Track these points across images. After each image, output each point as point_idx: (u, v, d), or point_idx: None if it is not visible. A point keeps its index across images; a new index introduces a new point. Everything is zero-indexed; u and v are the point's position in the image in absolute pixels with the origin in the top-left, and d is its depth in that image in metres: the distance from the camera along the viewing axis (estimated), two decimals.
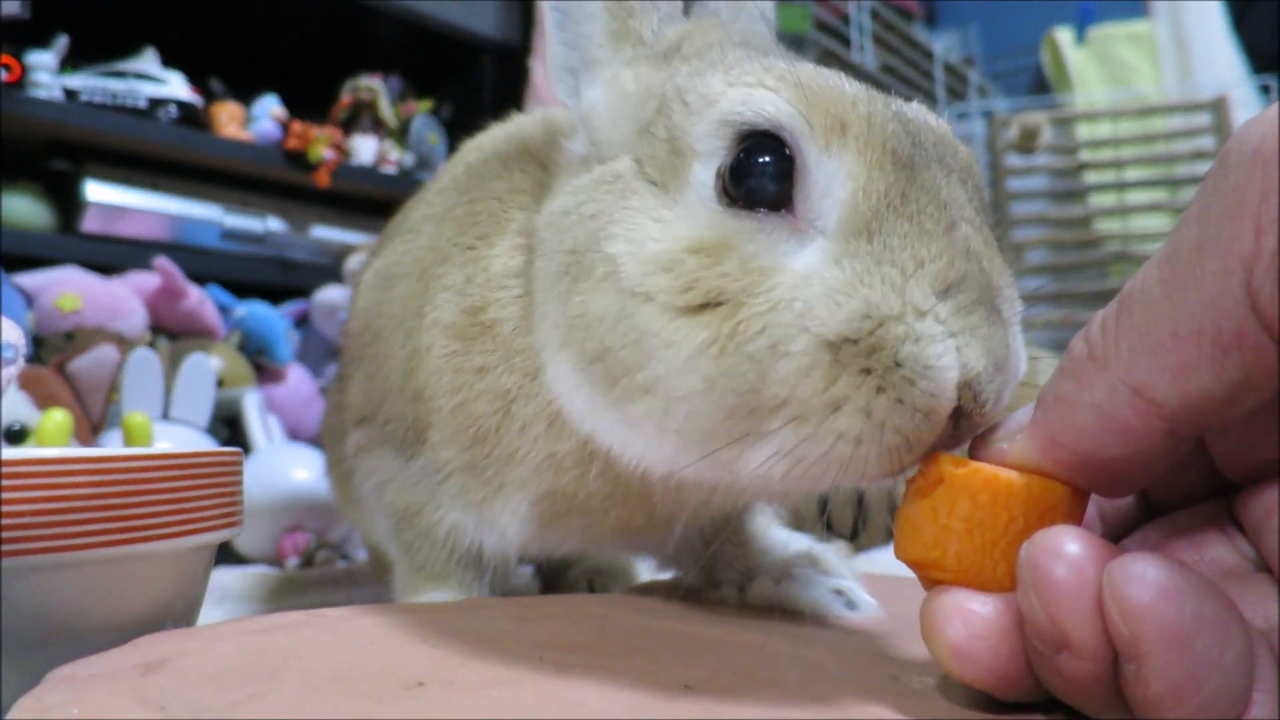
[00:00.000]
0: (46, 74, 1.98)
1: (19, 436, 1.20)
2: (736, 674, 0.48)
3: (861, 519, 1.16)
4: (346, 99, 2.46)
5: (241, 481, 0.64)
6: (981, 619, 0.41)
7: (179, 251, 2.01)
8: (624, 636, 0.55)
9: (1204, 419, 0.37)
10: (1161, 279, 0.36)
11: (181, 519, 0.56)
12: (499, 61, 2.65)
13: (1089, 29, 3.99)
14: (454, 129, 2.51)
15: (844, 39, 3.16)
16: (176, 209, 2.19)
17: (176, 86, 2.18)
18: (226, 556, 1.22)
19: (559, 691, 0.44)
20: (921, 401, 0.43)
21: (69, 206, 2.08)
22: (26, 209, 2.03)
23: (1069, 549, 0.37)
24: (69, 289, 1.58)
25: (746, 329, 0.45)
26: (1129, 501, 0.48)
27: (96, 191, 2.07)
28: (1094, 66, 3.92)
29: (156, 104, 2.14)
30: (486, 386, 0.61)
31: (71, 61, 2.08)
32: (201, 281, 1.84)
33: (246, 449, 1.42)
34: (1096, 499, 0.45)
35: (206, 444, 1.36)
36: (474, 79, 2.64)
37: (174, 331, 1.73)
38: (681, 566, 0.70)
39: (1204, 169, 0.56)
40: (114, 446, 1.25)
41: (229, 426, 1.52)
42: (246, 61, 2.43)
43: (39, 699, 0.42)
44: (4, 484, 0.48)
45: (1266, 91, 3.53)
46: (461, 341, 0.62)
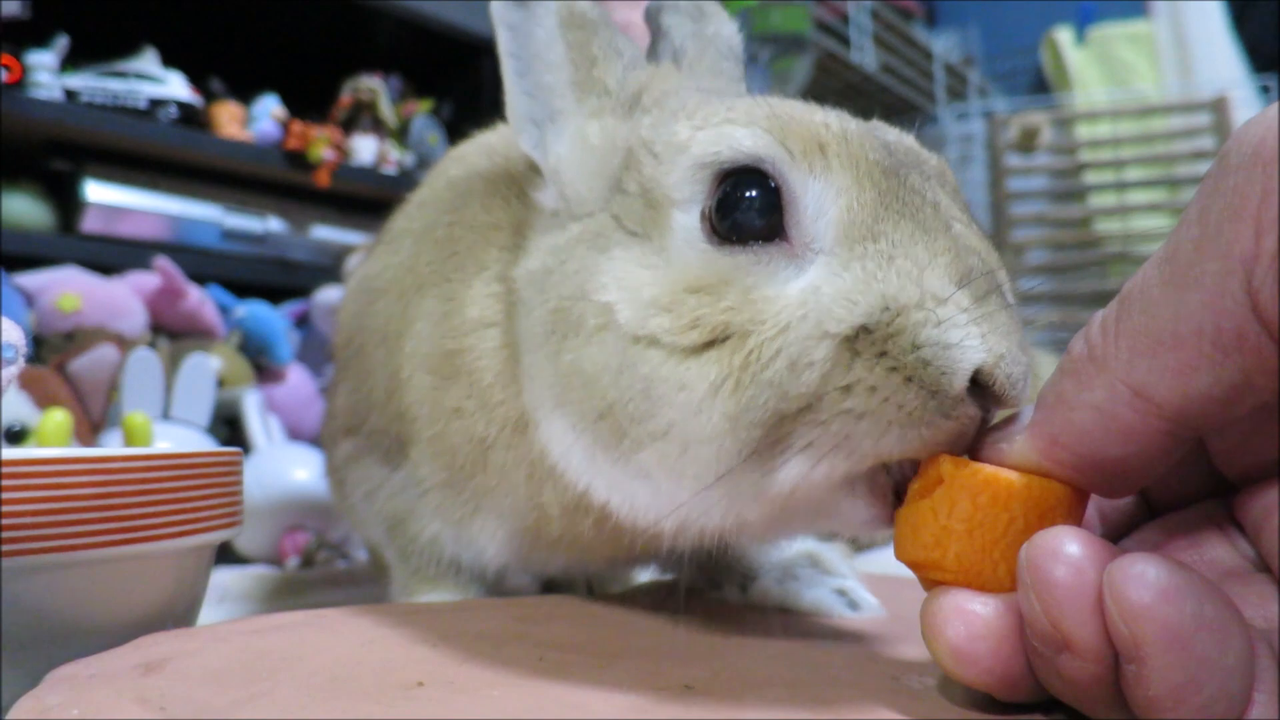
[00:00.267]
0: (46, 74, 1.98)
1: (19, 436, 1.20)
2: (736, 674, 0.48)
3: None
4: (346, 99, 2.47)
5: (241, 481, 0.64)
6: (982, 620, 0.41)
7: (179, 251, 2.01)
8: (624, 636, 0.55)
9: (1204, 419, 0.37)
10: (1161, 279, 0.36)
11: (181, 519, 0.56)
12: (499, 62, 2.64)
13: (1089, 29, 3.99)
14: (454, 129, 2.51)
15: (844, 39, 3.17)
16: (176, 209, 2.19)
17: (176, 86, 2.18)
18: (226, 556, 1.22)
19: (559, 691, 0.44)
20: (931, 380, 0.42)
21: (69, 206, 2.08)
22: (26, 209, 2.03)
23: (1069, 550, 0.37)
24: (69, 289, 1.58)
25: (759, 356, 0.44)
26: (1129, 501, 0.48)
27: (96, 191, 2.08)
28: (1094, 66, 3.91)
29: (156, 104, 2.14)
30: (463, 428, 0.61)
31: (71, 61, 2.08)
32: (201, 281, 1.84)
33: (246, 449, 1.42)
34: (1096, 499, 0.45)
35: (206, 444, 1.36)
36: (474, 79, 2.64)
37: (174, 331, 1.73)
38: (684, 567, 0.70)
39: (1204, 169, 0.56)
40: (114, 446, 1.25)
41: (229, 426, 1.52)
42: (246, 61, 2.43)
43: (39, 699, 0.42)
44: (4, 484, 0.48)
45: (1266, 91, 3.53)
46: (438, 378, 0.62)
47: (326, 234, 2.41)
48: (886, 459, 0.44)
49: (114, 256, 1.95)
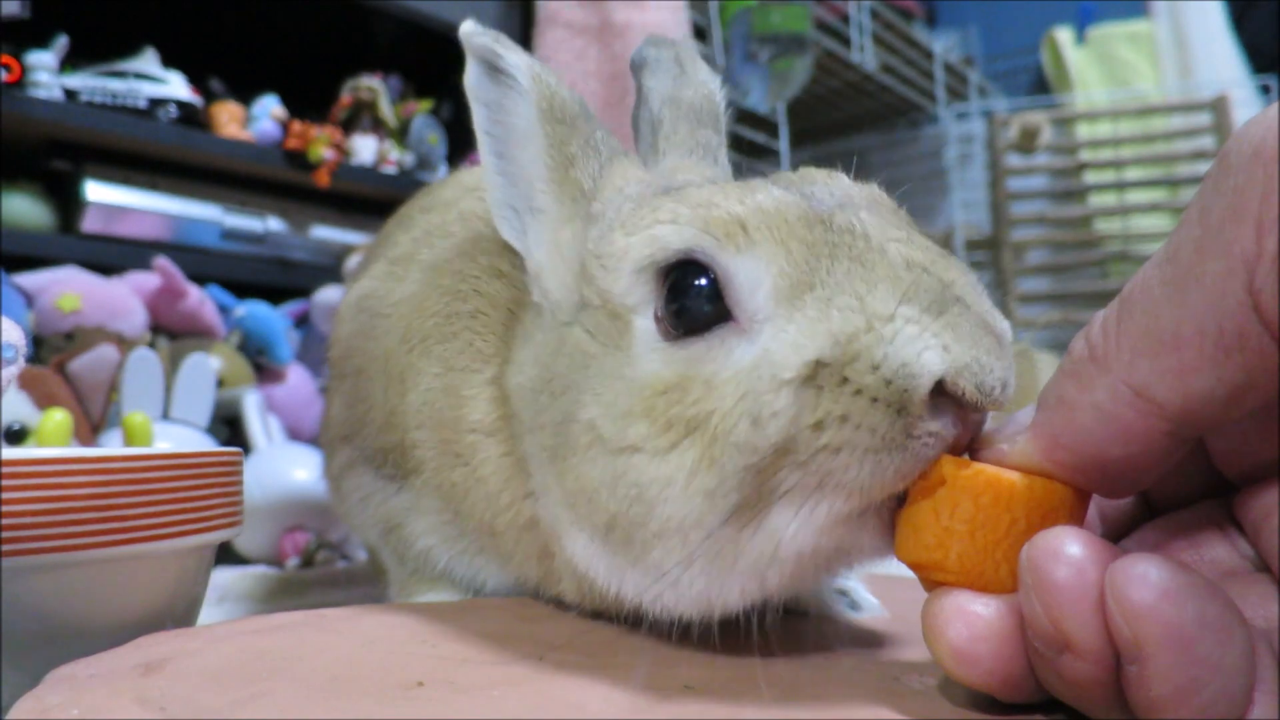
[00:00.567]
0: (46, 74, 1.98)
1: (19, 436, 1.20)
2: (736, 674, 0.48)
3: None
4: (346, 99, 2.46)
5: (241, 481, 0.64)
6: (983, 621, 0.41)
7: (179, 251, 2.01)
8: (624, 637, 0.55)
9: (1206, 419, 0.37)
10: (1163, 280, 0.36)
11: (181, 519, 0.56)
12: None
13: (1089, 29, 3.99)
14: (454, 129, 2.50)
15: (844, 39, 3.16)
16: (176, 209, 2.19)
17: (176, 86, 2.18)
18: (226, 556, 1.22)
19: (559, 691, 0.44)
20: (895, 397, 0.42)
21: (69, 206, 2.08)
22: (26, 209, 2.02)
23: (1070, 550, 0.37)
24: (69, 289, 1.58)
25: (724, 426, 0.45)
26: (1129, 501, 0.48)
27: (96, 191, 2.07)
28: (1094, 66, 3.91)
29: (156, 104, 2.14)
30: (469, 506, 0.62)
31: (71, 61, 2.08)
32: (201, 281, 1.84)
33: (246, 449, 1.42)
34: (1096, 499, 0.44)
35: (206, 444, 1.36)
36: None
37: (174, 331, 1.73)
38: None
39: (1204, 169, 0.56)
40: (114, 446, 1.25)
41: (229, 426, 1.52)
42: (246, 61, 2.43)
43: (39, 699, 0.42)
44: (4, 484, 0.48)
45: (1266, 91, 3.52)
46: (443, 456, 0.62)
47: (326, 234, 2.41)
48: (874, 496, 0.44)
49: (114, 256, 1.95)
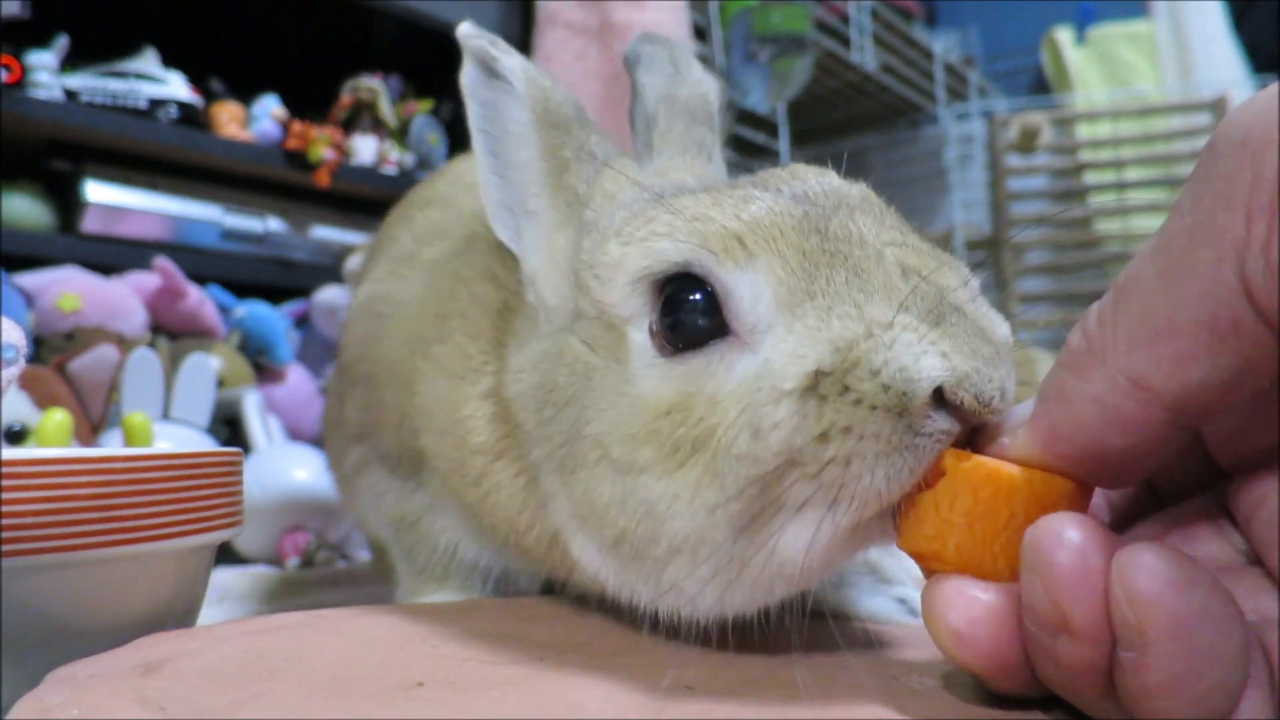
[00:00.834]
0: (46, 74, 1.98)
1: (19, 436, 1.20)
2: (736, 674, 0.48)
3: None
4: (346, 99, 2.46)
5: (241, 481, 0.64)
6: (982, 605, 0.41)
7: (179, 251, 2.01)
8: (624, 636, 0.55)
9: (1204, 407, 0.37)
10: (1156, 269, 0.36)
11: (181, 519, 0.56)
12: None
13: (1089, 29, 3.99)
14: (454, 129, 2.51)
15: (844, 39, 3.16)
16: (176, 209, 2.19)
17: (176, 86, 2.18)
18: (226, 556, 1.22)
19: (559, 691, 0.44)
20: (894, 402, 0.42)
21: (69, 206, 2.08)
22: (26, 209, 2.02)
23: (1071, 534, 0.37)
24: (69, 289, 1.58)
25: (725, 439, 0.45)
26: (1136, 492, 0.48)
27: (96, 191, 2.07)
28: (1094, 66, 3.91)
29: (156, 104, 2.14)
30: (489, 519, 0.62)
31: (71, 61, 2.08)
32: (201, 281, 1.84)
33: (246, 449, 1.42)
34: (1103, 490, 0.45)
35: (206, 444, 1.36)
36: None
37: (174, 331, 1.73)
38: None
39: None
40: (114, 446, 1.25)
41: (229, 426, 1.52)
42: (246, 61, 2.43)
43: (39, 699, 0.42)
44: (4, 484, 0.48)
45: (1263, 90, 3.52)
46: (453, 466, 0.62)
47: (326, 234, 2.41)
48: (892, 497, 0.44)
49: (114, 256, 1.95)
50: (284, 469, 1.24)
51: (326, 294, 1.90)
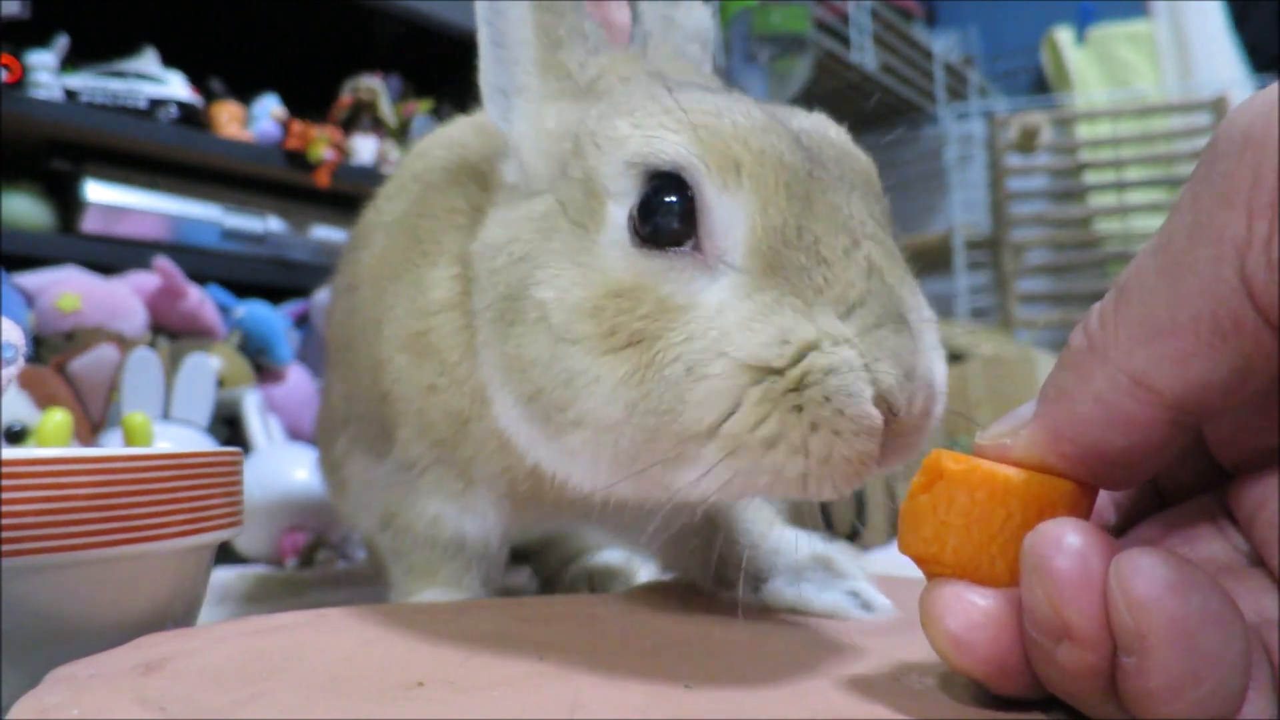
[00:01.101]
0: (46, 74, 1.98)
1: (19, 436, 1.20)
2: (736, 674, 0.48)
3: (861, 518, 1.16)
4: (346, 99, 2.47)
5: (241, 481, 0.64)
6: (980, 610, 0.41)
7: (179, 251, 2.01)
8: (624, 636, 0.55)
9: (1205, 406, 0.37)
10: (1157, 268, 0.36)
11: (181, 519, 0.56)
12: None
13: (1089, 29, 3.98)
14: None
15: (844, 39, 3.16)
16: (176, 209, 2.19)
17: (176, 86, 2.18)
18: (226, 556, 1.22)
19: (559, 691, 0.44)
20: (855, 426, 0.45)
21: (69, 206, 2.08)
22: (26, 209, 2.03)
23: (1072, 539, 0.37)
24: (69, 289, 1.58)
25: (663, 358, 0.48)
26: (1142, 492, 0.48)
27: (96, 191, 2.08)
28: (1094, 66, 3.91)
29: (156, 104, 2.14)
30: (440, 404, 0.64)
31: (71, 61, 2.08)
32: (201, 281, 1.84)
33: (246, 449, 1.42)
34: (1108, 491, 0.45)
35: (206, 444, 1.36)
36: (474, 79, 2.63)
37: (174, 331, 1.73)
38: (687, 568, 0.70)
39: None
40: (114, 446, 1.25)
41: (229, 426, 1.52)
42: (246, 61, 2.43)
43: (39, 699, 0.42)
44: (4, 484, 0.48)
45: (1264, 89, 3.52)
46: (413, 357, 0.65)
47: (326, 234, 2.41)
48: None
49: (114, 256, 1.95)
50: (284, 469, 1.24)
51: (326, 294, 1.90)
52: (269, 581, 1.10)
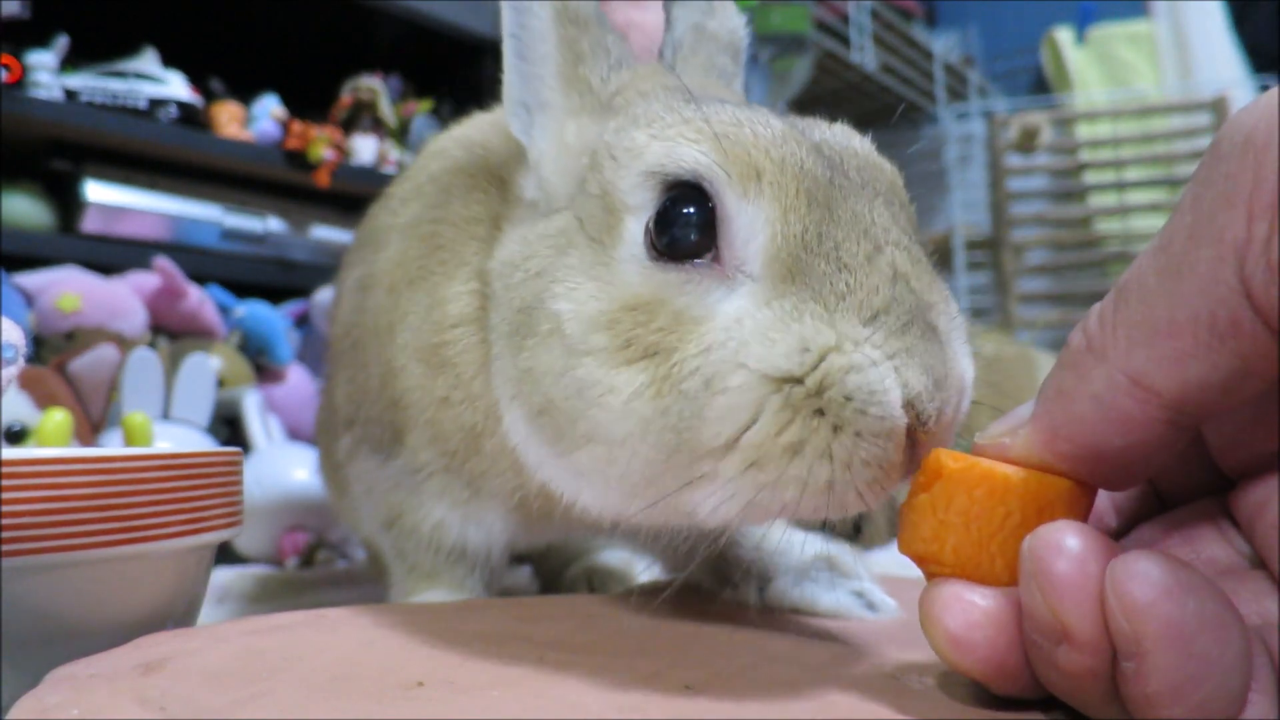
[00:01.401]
0: (46, 74, 1.98)
1: (19, 436, 1.20)
2: (736, 674, 0.48)
3: (863, 518, 1.16)
4: (346, 99, 2.47)
5: (241, 481, 0.64)
6: (980, 610, 0.41)
7: (179, 251, 2.01)
8: (624, 636, 0.55)
9: (1204, 407, 0.37)
10: (1156, 268, 0.36)
11: (181, 519, 0.56)
12: (499, 61, 2.65)
13: (1089, 29, 3.99)
14: None
15: (844, 39, 3.17)
16: (176, 209, 2.19)
17: (176, 86, 2.18)
18: (226, 556, 1.22)
19: (559, 691, 0.44)
20: (879, 427, 0.44)
21: (69, 206, 2.08)
22: (26, 209, 2.03)
23: (1070, 543, 0.37)
24: (69, 289, 1.58)
25: (680, 371, 0.47)
26: (1142, 494, 0.48)
27: (96, 191, 2.08)
28: (1094, 66, 3.91)
29: (156, 104, 2.14)
30: (453, 417, 0.64)
31: (71, 61, 2.08)
32: (201, 281, 1.84)
33: (246, 449, 1.42)
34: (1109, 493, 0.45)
35: (206, 444, 1.36)
36: (474, 79, 2.64)
37: (174, 331, 1.73)
38: (692, 570, 0.70)
39: None
40: (114, 446, 1.25)
41: (229, 426, 1.52)
42: (246, 61, 2.43)
43: (39, 699, 0.42)
44: (4, 484, 0.48)
45: (1266, 91, 3.52)
46: (428, 368, 0.64)
47: (326, 234, 2.41)
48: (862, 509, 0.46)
49: (114, 256, 1.95)
50: (284, 469, 1.24)
51: (326, 294, 1.90)
52: (269, 581, 1.10)
